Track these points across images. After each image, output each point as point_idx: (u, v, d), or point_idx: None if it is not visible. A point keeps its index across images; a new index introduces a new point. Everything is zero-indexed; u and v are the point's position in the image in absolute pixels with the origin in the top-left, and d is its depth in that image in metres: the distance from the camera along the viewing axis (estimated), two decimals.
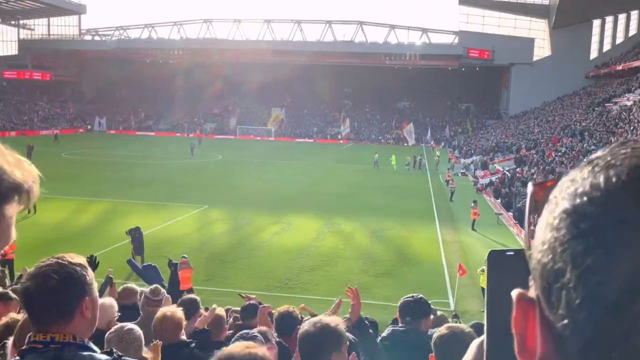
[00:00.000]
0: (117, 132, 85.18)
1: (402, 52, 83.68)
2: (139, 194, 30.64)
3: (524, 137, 53.87)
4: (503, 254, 0.74)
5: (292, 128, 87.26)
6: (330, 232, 23.63)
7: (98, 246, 19.43)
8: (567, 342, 0.47)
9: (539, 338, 0.52)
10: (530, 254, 0.54)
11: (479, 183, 39.25)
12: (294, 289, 16.33)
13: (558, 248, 0.49)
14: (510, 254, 0.74)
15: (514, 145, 51.55)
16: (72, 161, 46.19)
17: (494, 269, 0.74)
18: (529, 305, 0.54)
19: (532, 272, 0.54)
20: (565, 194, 0.50)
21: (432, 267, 19.13)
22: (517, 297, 0.56)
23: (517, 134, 57.89)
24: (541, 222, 0.52)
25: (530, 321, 0.53)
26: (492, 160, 48.62)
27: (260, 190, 33.60)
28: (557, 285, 0.48)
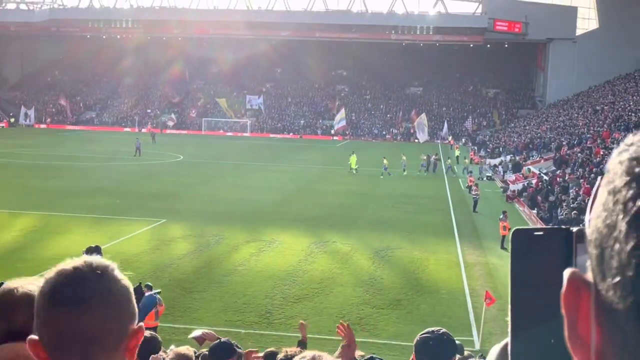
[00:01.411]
0: (49, 127, 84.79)
1: (411, 25, 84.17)
2: (77, 206, 30.47)
3: (565, 132, 54.26)
4: (530, 233, 0.80)
5: (273, 121, 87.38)
6: (322, 253, 23.63)
7: (25, 272, 19.25)
8: (619, 313, 0.53)
9: (594, 326, 0.56)
10: (590, 231, 0.61)
11: (510, 189, 39.44)
12: (276, 325, 16.30)
13: (610, 202, 0.56)
14: (538, 233, 0.80)
15: (553, 141, 51.90)
16: None
17: (520, 250, 0.80)
18: (582, 286, 0.59)
19: (588, 247, 0.60)
20: (620, 153, 0.59)
21: (452, 295, 19.17)
22: (569, 276, 0.60)
23: (556, 128, 58.27)
24: (599, 192, 0.60)
25: (583, 304, 0.58)
26: (525, 161, 48.85)
27: (232, 200, 33.56)
28: (609, 242, 0.54)
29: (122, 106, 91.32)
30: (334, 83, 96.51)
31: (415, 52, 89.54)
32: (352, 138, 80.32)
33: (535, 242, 0.80)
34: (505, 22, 79.55)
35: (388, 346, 15.17)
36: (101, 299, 1.40)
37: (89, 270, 1.42)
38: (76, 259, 1.46)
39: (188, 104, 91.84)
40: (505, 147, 59.89)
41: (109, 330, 1.40)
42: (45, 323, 1.39)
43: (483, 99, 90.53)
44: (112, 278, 1.44)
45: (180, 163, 50.76)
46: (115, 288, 1.43)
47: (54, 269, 1.44)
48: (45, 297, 1.40)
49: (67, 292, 1.38)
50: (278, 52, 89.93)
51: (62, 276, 1.41)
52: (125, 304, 1.44)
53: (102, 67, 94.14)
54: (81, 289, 1.39)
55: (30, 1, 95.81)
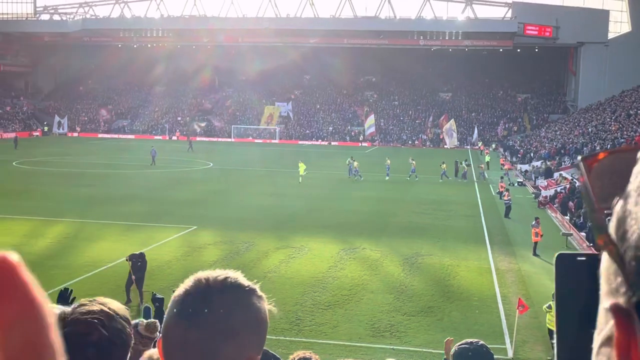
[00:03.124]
0: (82, 135, 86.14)
1: (440, 30, 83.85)
2: (109, 213, 30.86)
3: (597, 137, 53.52)
4: (573, 258, 0.82)
5: (302, 128, 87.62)
6: (352, 259, 23.58)
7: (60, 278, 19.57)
8: None
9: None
10: (620, 233, 0.58)
11: (541, 195, 39.01)
12: (306, 332, 16.29)
13: None
14: (581, 258, 0.81)
15: (586, 146, 51.21)
16: (25, 172, 46.76)
17: (563, 275, 0.81)
18: (628, 320, 0.56)
19: (626, 256, 0.57)
20: None
21: (484, 302, 18.99)
22: (613, 310, 0.57)
23: (588, 133, 57.51)
24: None
25: (634, 341, 0.56)
26: (557, 167, 48.30)
27: (262, 207, 33.70)
28: None
29: (153, 114, 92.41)
30: (363, 89, 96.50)
31: (444, 57, 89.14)
32: (380, 144, 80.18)
33: (579, 267, 0.80)
34: (536, 26, 78.80)
35: (419, 354, 15.07)
36: (218, 318, 1.31)
37: (219, 286, 1.36)
38: (217, 271, 1.39)
39: (217, 111, 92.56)
40: (537, 152, 59.24)
41: (218, 353, 1.31)
42: (166, 329, 1.36)
43: (513, 104, 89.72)
44: (241, 299, 1.36)
45: (210, 170, 51.14)
46: (241, 311, 1.35)
47: (193, 276, 1.39)
48: (173, 303, 1.37)
49: (188, 303, 1.33)
50: (306, 59, 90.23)
51: (194, 286, 1.36)
52: (248, 331, 1.35)
53: (133, 76, 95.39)
54: (201, 303, 1.32)
55: (64, 12, 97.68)
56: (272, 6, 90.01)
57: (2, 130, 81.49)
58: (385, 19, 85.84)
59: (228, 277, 1.38)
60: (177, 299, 1.36)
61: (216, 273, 1.39)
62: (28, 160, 53.61)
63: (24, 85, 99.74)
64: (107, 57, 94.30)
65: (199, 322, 1.31)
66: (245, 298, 1.37)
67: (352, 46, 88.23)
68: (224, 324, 1.32)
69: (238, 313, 1.34)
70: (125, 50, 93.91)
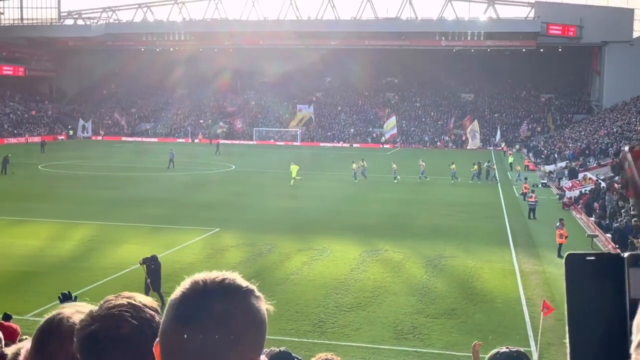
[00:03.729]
0: (105, 139, 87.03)
1: (462, 31, 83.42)
2: (133, 215, 31.15)
3: (623, 137, 52.88)
4: (583, 258, 0.83)
5: (323, 130, 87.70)
6: (374, 261, 23.55)
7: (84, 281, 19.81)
8: None
9: None
10: None
11: (566, 196, 38.65)
12: (329, 334, 16.29)
13: None
14: (591, 258, 0.84)
15: (611, 146, 50.62)
16: (50, 175, 47.37)
17: (573, 275, 0.83)
18: None
19: None
20: None
21: (508, 305, 18.85)
22: None
23: (613, 133, 56.83)
24: None
25: None
26: (582, 167, 47.82)
27: (284, 209, 33.79)
28: None
29: (175, 117, 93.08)
30: (384, 91, 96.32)
31: (466, 58, 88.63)
32: (402, 146, 79.96)
33: (589, 267, 0.82)
34: (559, 25, 78.05)
35: (443, 356, 15.00)
36: (218, 321, 1.29)
37: (216, 289, 1.33)
38: (214, 273, 1.37)
39: (239, 113, 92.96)
40: (561, 153, 58.68)
41: (219, 356, 1.29)
42: (163, 333, 1.34)
43: (537, 105, 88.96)
44: (240, 301, 1.34)
45: (232, 172, 51.37)
46: (240, 313, 1.32)
47: (190, 279, 1.36)
48: (170, 307, 1.34)
49: (185, 307, 1.31)
50: (327, 61, 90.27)
51: (191, 289, 1.33)
52: (248, 333, 1.32)
53: (156, 79, 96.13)
54: (199, 307, 1.29)
55: (88, 17, 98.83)
56: (293, 8, 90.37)
57: (28, 134, 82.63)
58: (407, 20, 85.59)
59: (225, 278, 1.35)
60: (174, 302, 1.33)
61: (213, 275, 1.36)
62: (53, 163, 54.30)
63: (48, 89, 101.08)
64: (130, 60, 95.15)
65: (198, 325, 1.28)
66: (244, 299, 1.35)
67: (373, 48, 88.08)
68: (223, 326, 1.29)
69: (237, 315, 1.32)
70: (148, 54, 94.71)
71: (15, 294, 18.52)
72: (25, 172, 47.55)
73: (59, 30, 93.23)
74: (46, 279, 20.14)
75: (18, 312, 15.33)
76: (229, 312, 1.30)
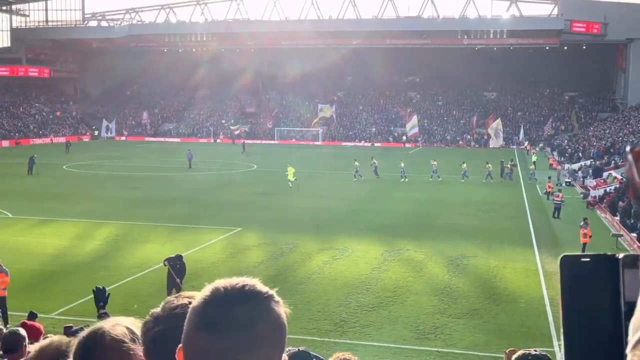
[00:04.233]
0: (129, 139, 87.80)
1: (484, 29, 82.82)
2: (156, 215, 31.41)
3: None
4: (578, 259, 0.85)
5: (345, 129, 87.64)
6: (396, 261, 23.49)
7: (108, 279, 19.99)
8: None
9: None
10: None
11: (590, 195, 38.23)
12: (350, 334, 16.28)
13: None
14: (586, 260, 0.84)
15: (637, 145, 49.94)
16: (75, 175, 47.92)
17: (568, 276, 0.84)
18: None
19: None
20: None
21: (531, 305, 18.68)
22: None
23: (639, 131, 56.14)
24: None
25: None
26: (606, 166, 47.26)
27: (305, 209, 33.83)
28: None
29: (198, 117, 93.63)
30: (406, 90, 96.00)
31: (489, 56, 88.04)
32: (424, 145, 79.63)
33: (583, 268, 0.82)
34: (583, 23, 77.17)
35: (465, 356, 14.91)
36: (239, 328, 1.30)
37: (237, 295, 1.34)
38: (234, 279, 1.38)
39: (261, 113, 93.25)
40: (585, 151, 58.05)
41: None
42: (186, 340, 1.35)
43: (560, 103, 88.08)
44: (261, 307, 1.35)
45: (253, 172, 51.56)
46: (261, 319, 1.34)
47: (211, 286, 1.38)
48: (192, 313, 1.36)
49: (207, 313, 1.32)
50: (349, 60, 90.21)
51: (212, 296, 1.35)
52: (269, 338, 1.34)
53: (179, 80, 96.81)
54: (220, 313, 1.31)
55: (111, 18, 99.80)
56: (314, 8, 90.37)
57: (53, 134, 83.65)
58: (428, 19, 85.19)
59: (246, 284, 1.37)
60: (196, 309, 1.35)
61: (234, 281, 1.38)
62: (77, 164, 54.92)
63: (73, 90, 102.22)
64: (153, 61, 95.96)
65: (221, 332, 1.30)
66: (265, 305, 1.36)
67: (395, 46, 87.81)
68: (245, 333, 1.30)
69: (258, 321, 1.33)
70: (170, 55, 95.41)
71: (40, 293, 18.77)
72: (51, 172, 48.15)
73: (83, 32, 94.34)
74: (71, 278, 20.39)
75: (43, 311, 15.54)
76: (250, 317, 1.32)
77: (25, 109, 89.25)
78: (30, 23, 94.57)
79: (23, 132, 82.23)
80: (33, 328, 7.46)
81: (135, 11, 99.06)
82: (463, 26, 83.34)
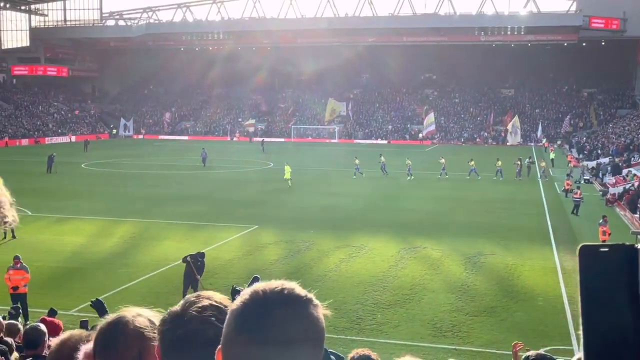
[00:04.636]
0: (147, 137, 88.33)
1: (501, 26, 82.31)
2: (173, 213, 31.56)
3: None
4: (596, 249, 0.85)
5: (361, 127, 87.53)
6: (413, 259, 23.43)
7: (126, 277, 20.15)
8: None
9: None
10: None
11: (609, 193, 37.89)
12: (367, 332, 16.26)
13: None
14: (604, 249, 0.84)
15: None
16: (93, 174, 48.29)
17: (587, 266, 0.85)
18: None
19: None
20: None
21: (549, 303, 18.55)
22: None
23: None
24: None
25: None
26: (625, 163, 46.82)
27: (321, 206, 33.83)
28: None
29: (214, 115, 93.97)
30: (422, 87, 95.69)
31: (506, 53, 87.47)
32: (441, 142, 79.32)
33: (602, 258, 0.83)
34: (602, 19, 76.45)
35: (482, 354, 14.84)
36: (279, 332, 1.30)
37: (277, 299, 1.34)
38: (273, 283, 1.38)
39: (277, 111, 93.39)
40: (604, 148, 57.52)
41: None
42: (226, 344, 1.35)
43: (579, 99, 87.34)
44: (300, 311, 1.35)
45: (270, 170, 51.64)
46: (300, 323, 1.34)
47: (250, 290, 1.38)
48: (231, 317, 1.36)
49: (247, 317, 1.32)
50: (364, 58, 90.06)
51: (252, 300, 1.35)
52: (308, 342, 1.34)
53: (195, 78, 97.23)
54: (261, 317, 1.31)
55: (129, 17, 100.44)
56: (330, 5, 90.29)
57: (72, 133, 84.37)
58: (445, 16, 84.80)
59: (285, 288, 1.36)
60: (236, 312, 1.35)
61: (273, 284, 1.37)
62: (96, 162, 55.36)
63: (91, 89, 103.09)
64: (170, 60, 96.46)
65: (261, 336, 1.30)
66: (304, 309, 1.36)
67: (411, 44, 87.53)
68: (285, 337, 1.30)
69: (298, 325, 1.33)
70: (187, 53, 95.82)
71: (60, 290, 18.94)
72: (69, 170, 48.57)
73: (101, 31, 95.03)
74: (90, 275, 20.56)
75: (63, 308, 15.69)
76: (290, 321, 1.32)
77: (44, 107, 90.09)
78: (49, 23, 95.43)
79: (42, 131, 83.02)
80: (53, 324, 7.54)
81: (152, 10, 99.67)
82: (480, 23, 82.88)
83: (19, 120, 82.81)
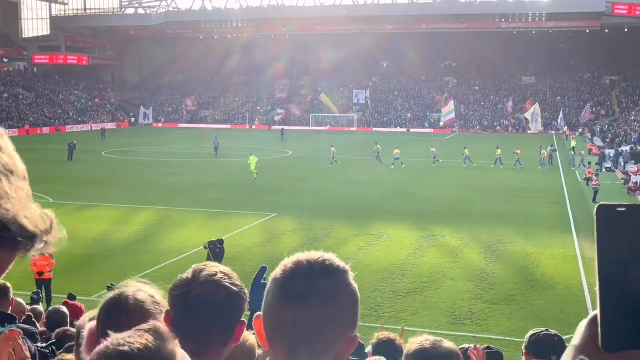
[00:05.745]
0: (166, 126, 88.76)
1: (522, 12, 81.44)
2: (193, 200, 31.76)
3: None
4: (614, 209, 0.85)
5: (380, 115, 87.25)
6: (431, 247, 23.39)
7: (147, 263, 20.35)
8: None
9: None
10: None
11: (631, 181, 37.48)
12: (386, 318, 16.28)
13: None
14: (622, 209, 0.84)
15: None
16: (114, 161, 48.69)
17: (604, 226, 0.85)
18: None
19: None
20: None
21: (569, 291, 18.45)
22: None
23: None
24: None
25: None
26: None
27: (340, 194, 33.82)
28: None
29: (233, 104, 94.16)
30: (442, 75, 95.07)
31: (527, 40, 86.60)
32: (460, 130, 78.85)
33: (620, 218, 0.83)
34: (625, 5, 75.26)
35: (501, 342, 14.77)
36: (325, 300, 1.35)
37: (321, 269, 1.39)
38: (314, 253, 1.43)
39: (295, 100, 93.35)
40: (626, 136, 56.82)
41: (325, 333, 1.35)
42: (269, 311, 1.38)
43: (601, 87, 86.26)
44: (341, 280, 1.40)
45: (288, 158, 51.71)
46: (342, 291, 1.39)
47: (292, 259, 1.42)
48: (276, 285, 1.38)
49: (293, 285, 1.36)
50: (384, 46, 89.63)
51: (296, 268, 1.39)
52: (349, 310, 1.39)
53: (214, 67, 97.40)
54: (306, 285, 1.35)
55: (148, 5, 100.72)
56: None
57: (92, 121, 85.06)
58: (465, 2, 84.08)
59: (326, 259, 1.42)
60: (281, 280, 1.38)
61: (315, 255, 1.42)
62: (116, 150, 55.78)
63: (111, 77, 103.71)
64: (189, 48, 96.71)
65: (306, 303, 1.34)
66: (345, 278, 1.41)
67: (431, 31, 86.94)
68: (329, 305, 1.35)
69: (340, 293, 1.38)
70: (206, 42, 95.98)
71: (81, 276, 19.17)
72: (90, 158, 49.00)
73: (121, 19, 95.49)
74: (110, 262, 20.79)
75: (84, 293, 15.89)
76: (333, 290, 1.37)
77: (65, 96, 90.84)
78: (69, 11, 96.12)
79: (63, 119, 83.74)
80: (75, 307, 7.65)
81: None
82: (501, 9, 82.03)
83: (40, 108, 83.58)
